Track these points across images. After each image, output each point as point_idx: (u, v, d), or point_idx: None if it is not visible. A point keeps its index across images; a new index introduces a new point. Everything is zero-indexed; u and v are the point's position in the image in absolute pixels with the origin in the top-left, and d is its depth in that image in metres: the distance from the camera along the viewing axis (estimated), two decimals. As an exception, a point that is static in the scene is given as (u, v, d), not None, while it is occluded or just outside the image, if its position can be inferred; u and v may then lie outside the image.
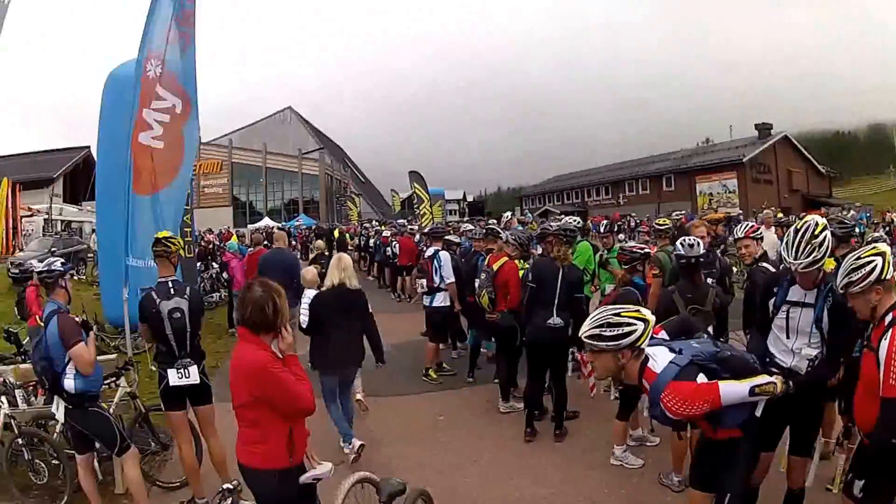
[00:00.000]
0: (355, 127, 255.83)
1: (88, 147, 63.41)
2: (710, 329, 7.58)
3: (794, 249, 5.45)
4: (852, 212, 41.81)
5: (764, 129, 71.42)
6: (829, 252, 5.47)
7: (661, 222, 11.92)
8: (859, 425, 5.05)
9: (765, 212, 20.66)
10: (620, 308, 4.73)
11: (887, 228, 36.32)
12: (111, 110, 14.51)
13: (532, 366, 9.67)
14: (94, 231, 34.50)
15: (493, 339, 11.77)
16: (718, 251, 12.38)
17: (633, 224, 34.60)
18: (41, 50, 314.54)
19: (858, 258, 4.79)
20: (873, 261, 4.70)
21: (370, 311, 9.45)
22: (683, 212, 27.12)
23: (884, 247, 4.84)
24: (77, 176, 65.30)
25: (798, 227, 5.55)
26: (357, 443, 8.91)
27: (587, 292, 11.27)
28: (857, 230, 23.11)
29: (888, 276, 4.72)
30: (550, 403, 9.76)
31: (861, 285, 4.71)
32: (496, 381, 11.18)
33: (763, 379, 4.53)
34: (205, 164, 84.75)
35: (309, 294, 9.51)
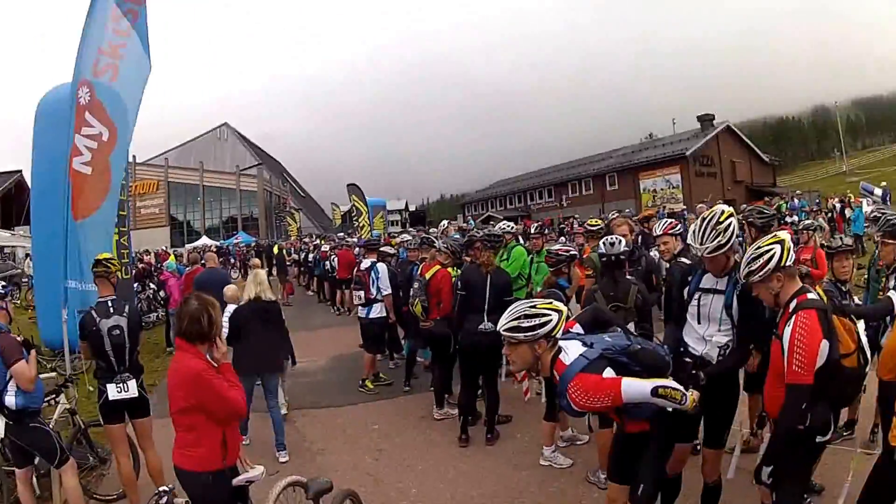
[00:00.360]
0: (296, 141, 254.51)
1: (20, 171, 62.59)
2: (632, 326, 7.53)
3: (699, 236, 5.75)
4: (795, 200, 42.82)
5: (706, 121, 71.15)
6: (734, 238, 5.73)
7: (592, 223, 12.24)
8: (769, 412, 5.35)
9: (698, 206, 21.12)
10: (535, 301, 5.02)
11: (830, 214, 37.08)
12: (44, 134, 14.70)
13: (465, 371, 9.95)
14: (27, 256, 34.44)
15: (428, 348, 12.12)
16: (655, 249, 12.75)
17: (575, 226, 35.28)
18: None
19: (758, 247, 5.07)
20: (772, 249, 4.97)
21: (283, 319, 10.33)
22: (627, 210, 27.51)
23: (783, 234, 5.12)
24: (9, 201, 64.29)
25: (705, 215, 5.88)
26: (247, 440, 9.55)
27: (521, 296, 11.40)
28: (796, 218, 23.83)
29: (787, 264, 4.99)
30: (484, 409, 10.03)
31: (760, 274, 4.98)
32: (432, 388, 11.40)
33: (670, 383, 4.64)
34: (140, 185, 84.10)
35: (230, 308, 10.13)
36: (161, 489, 5.22)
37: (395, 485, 8.44)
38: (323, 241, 32.12)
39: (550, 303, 4.98)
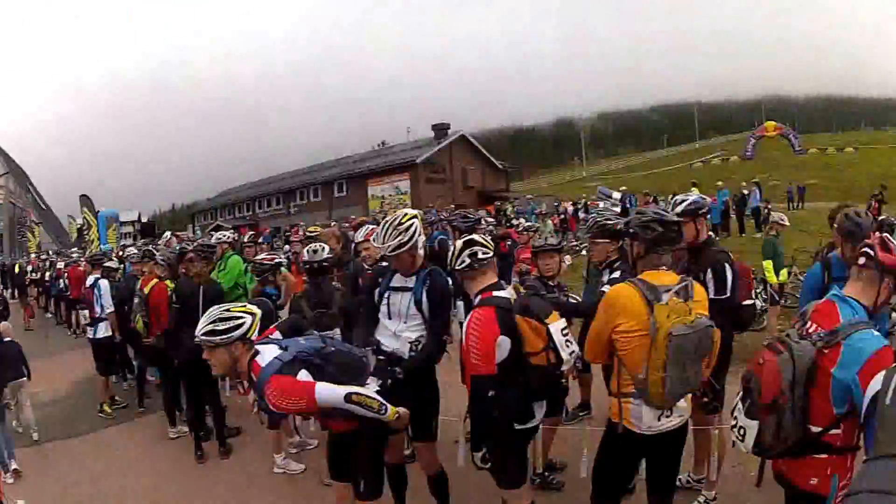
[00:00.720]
0: (42, 146, 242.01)
1: None
2: (338, 330, 7.92)
3: (382, 236, 6.04)
4: (531, 204, 46.36)
5: (440, 130, 72.70)
6: (416, 238, 6.08)
7: (311, 230, 12.78)
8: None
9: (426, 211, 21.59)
10: (229, 305, 5.16)
11: (563, 216, 39.95)
12: None
13: (188, 387, 10.00)
14: None
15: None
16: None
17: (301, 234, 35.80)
18: None
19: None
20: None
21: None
22: (352, 217, 27.89)
23: (459, 243, 5.60)
24: None
25: (388, 218, 6.19)
26: (13, 465, 9.48)
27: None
28: (522, 220, 25.16)
29: (458, 266, 5.50)
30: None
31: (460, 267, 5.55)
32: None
33: (365, 391, 4.91)
34: None
35: None
36: None
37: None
38: (58, 258, 30.73)
39: (244, 306, 5.18)
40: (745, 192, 35.94)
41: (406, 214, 6.17)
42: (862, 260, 4.09)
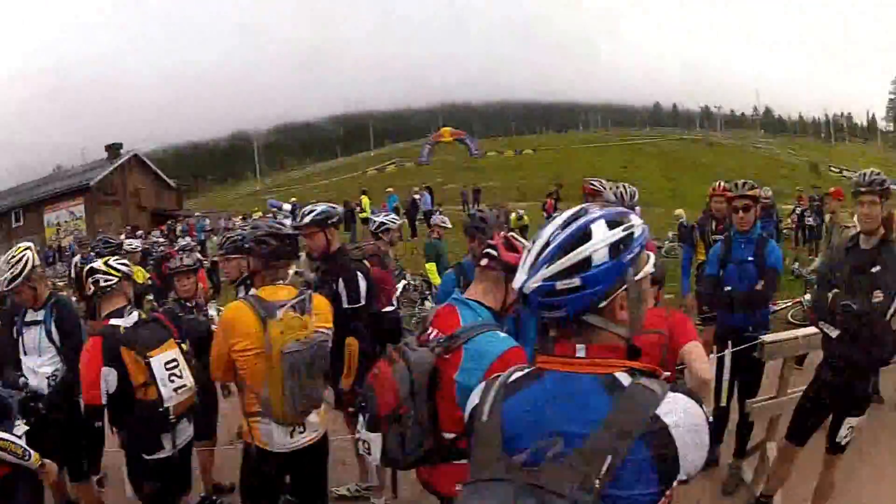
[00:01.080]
0: None
1: None
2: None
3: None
4: (207, 220, 47.39)
5: (114, 150, 69.77)
6: (28, 271, 6.00)
7: None
8: None
9: (99, 236, 21.06)
10: None
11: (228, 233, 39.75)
12: None
13: None
14: None
15: None
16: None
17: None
18: None
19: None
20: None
21: None
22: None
23: (98, 263, 5.60)
24: None
25: (8, 255, 6.13)
26: None
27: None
28: (189, 240, 25.06)
29: (103, 286, 5.44)
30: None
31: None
32: None
33: (7, 435, 4.59)
34: None
35: None
36: None
37: None
38: None
39: None
40: (416, 196, 36.76)
41: (19, 248, 6.12)
42: (484, 261, 3.91)
